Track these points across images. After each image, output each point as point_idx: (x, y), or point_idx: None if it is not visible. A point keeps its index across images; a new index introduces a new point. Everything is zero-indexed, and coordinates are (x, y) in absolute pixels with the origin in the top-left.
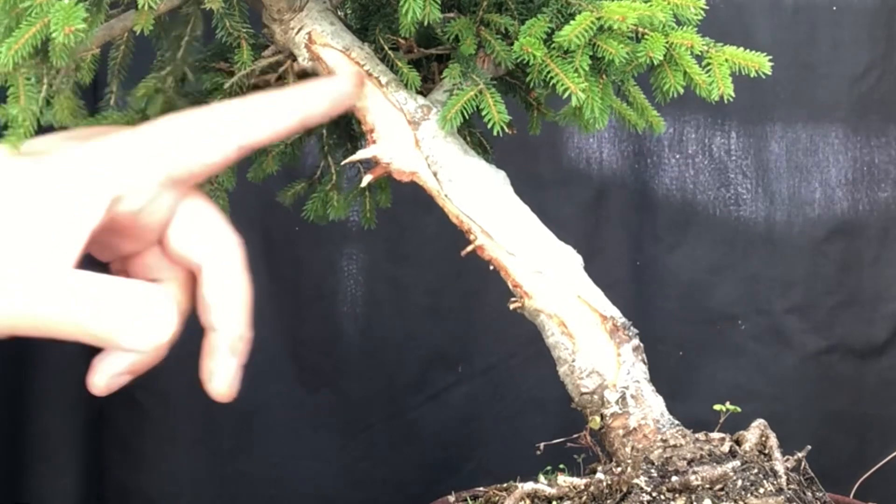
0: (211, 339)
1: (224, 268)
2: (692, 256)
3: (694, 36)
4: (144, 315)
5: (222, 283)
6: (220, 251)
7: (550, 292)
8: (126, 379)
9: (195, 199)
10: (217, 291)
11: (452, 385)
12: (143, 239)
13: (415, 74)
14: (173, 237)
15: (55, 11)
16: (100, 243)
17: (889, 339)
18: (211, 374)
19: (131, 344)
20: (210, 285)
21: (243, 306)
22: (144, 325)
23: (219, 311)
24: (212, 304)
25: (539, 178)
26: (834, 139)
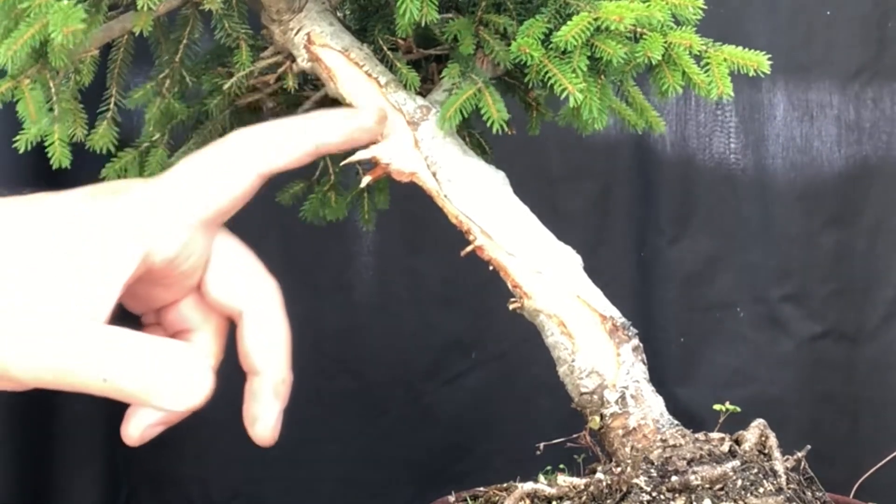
0: (254, 383)
1: (265, 312)
2: (693, 248)
3: (692, 36)
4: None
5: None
6: (259, 295)
7: (550, 292)
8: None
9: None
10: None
11: (467, 370)
12: (180, 286)
13: (414, 75)
14: (212, 284)
15: (54, 12)
16: (135, 295)
17: (880, 324)
18: (255, 419)
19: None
20: (252, 330)
21: (285, 349)
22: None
23: (262, 356)
24: (254, 350)
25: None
26: (828, 137)
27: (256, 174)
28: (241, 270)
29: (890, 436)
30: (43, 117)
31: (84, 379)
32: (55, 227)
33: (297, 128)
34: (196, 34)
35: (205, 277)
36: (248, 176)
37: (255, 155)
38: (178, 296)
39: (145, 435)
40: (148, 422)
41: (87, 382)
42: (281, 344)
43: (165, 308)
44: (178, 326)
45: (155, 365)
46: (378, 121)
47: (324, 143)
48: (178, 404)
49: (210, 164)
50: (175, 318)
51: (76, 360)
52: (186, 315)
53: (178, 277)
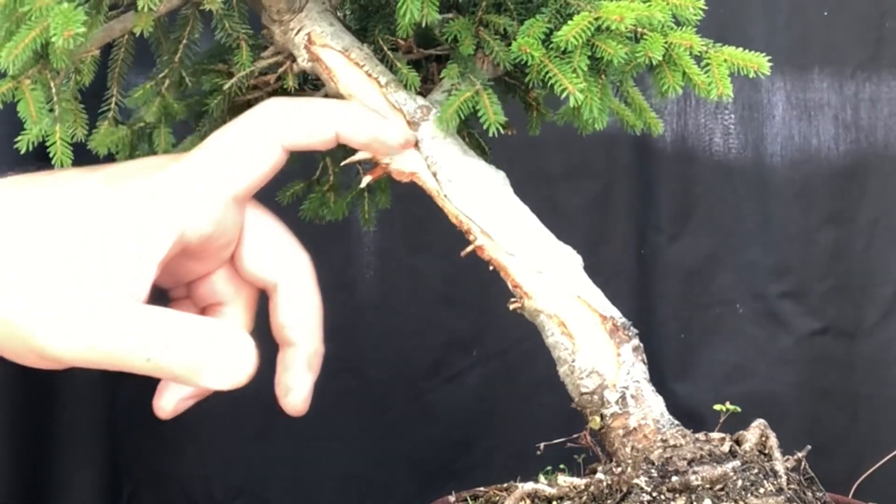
0: (287, 354)
1: (299, 284)
2: (693, 246)
3: (693, 36)
4: (225, 355)
5: (298, 299)
6: (293, 268)
7: (550, 292)
8: (192, 402)
9: (261, 216)
10: (294, 308)
11: (468, 368)
12: (214, 260)
13: (414, 75)
14: (246, 257)
15: (55, 15)
16: (167, 269)
17: (878, 321)
18: (288, 390)
19: (210, 384)
20: (286, 303)
21: (318, 321)
22: (225, 365)
23: (296, 328)
24: (289, 322)
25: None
26: (825, 136)
27: (282, 148)
28: (274, 243)
29: (889, 432)
30: (44, 117)
31: (127, 358)
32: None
33: (325, 110)
34: (196, 34)
35: (238, 250)
36: (275, 151)
37: (282, 128)
38: (210, 268)
39: (179, 407)
40: (182, 395)
41: (131, 361)
42: (314, 316)
43: (197, 281)
44: (210, 300)
45: (200, 343)
46: (402, 144)
47: (345, 136)
48: (224, 383)
49: (239, 140)
50: (207, 292)
51: (119, 339)
52: (218, 288)
53: (212, 251)
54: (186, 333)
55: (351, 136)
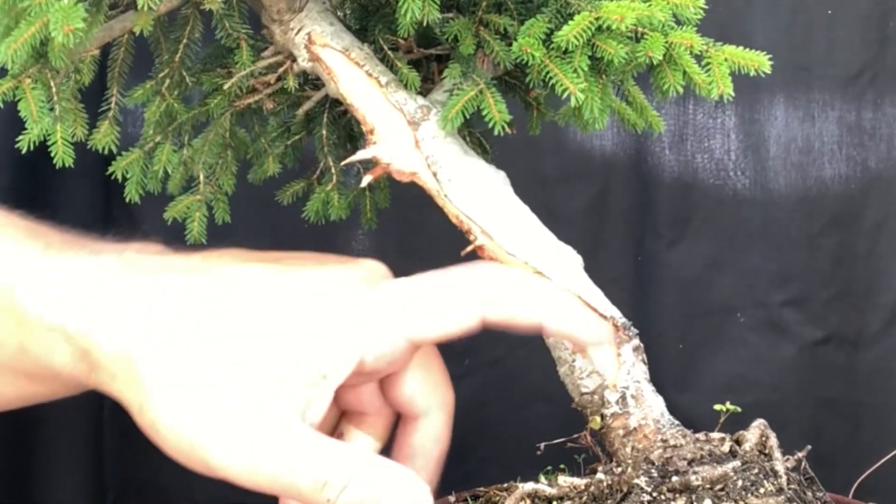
0: None
1: (438, 424)
2: (692, 251)
3: (693, 35)
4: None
5: (433, 437)
6: (439, 407)
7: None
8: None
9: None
10: (426, 444)
11: (460, 377)
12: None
13: (414, 75)
14: (402, 385)
15: (54, 11)
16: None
17: (882, 329)
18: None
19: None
20: (424, 436)
21: (441, 461)
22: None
23: (423, 463)
24: (417, 454)
25: (543, 175)
26: (829, 138)
27: (481, 319)
28: (430, 379)
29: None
30: (45, 117)
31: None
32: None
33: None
34: (196, 34)
35: (397, 377)
36: (472, 319)
37: (486, 301)
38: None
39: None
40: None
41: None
42: (442, 455)
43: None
44: (353, 408)
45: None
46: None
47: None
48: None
49: (441, 294)
50: (353, 400)
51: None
52: (365, 400)
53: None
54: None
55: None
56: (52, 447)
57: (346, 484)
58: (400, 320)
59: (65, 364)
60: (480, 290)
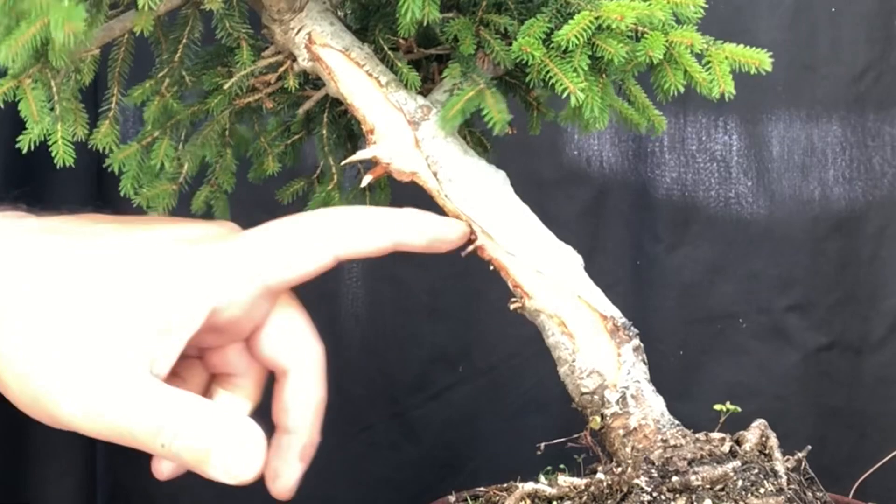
0: (283, 440)
1: (309, 376)
2: (692, 256)
3: (694, 34)
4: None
5: (305, 390)
6: (307, 358)
7: (551, 292)
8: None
9: (289, 305)
10: (299, 398)
11: (454, 385)
12: (233, 338)
13: (414, 75)
14: (265, 340)
15: (55, 11)
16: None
17: (886, 335)
18: (277, 476)
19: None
20: (293, 391)
21: (320, 415)
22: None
23: (297, 417)
24: (291, 409)
25: (540, 178)
26: (832, 139)
27: (334, 256)
28: (294, 331)
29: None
30: (45, 116)
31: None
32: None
33: (382, 220)
34: (196, 34)
35: (260, 333)
36: (326, 256)
37: (337, 237)
38: (226, 343)
39: (175, 473)
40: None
41: (145, 443)
42: (317, 409)
43: (211, 351)
44: (221, 369)
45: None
46: (461, 237)
47: (404, 243)
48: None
49: (291, 237)
50: (219, 362)
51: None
52: (231, 360)
53: (233, 332)
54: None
55: (409, 242)
56: (44, 452)
57: (179, 430)
58: (251, 266)
59: None
60: (330, 228)
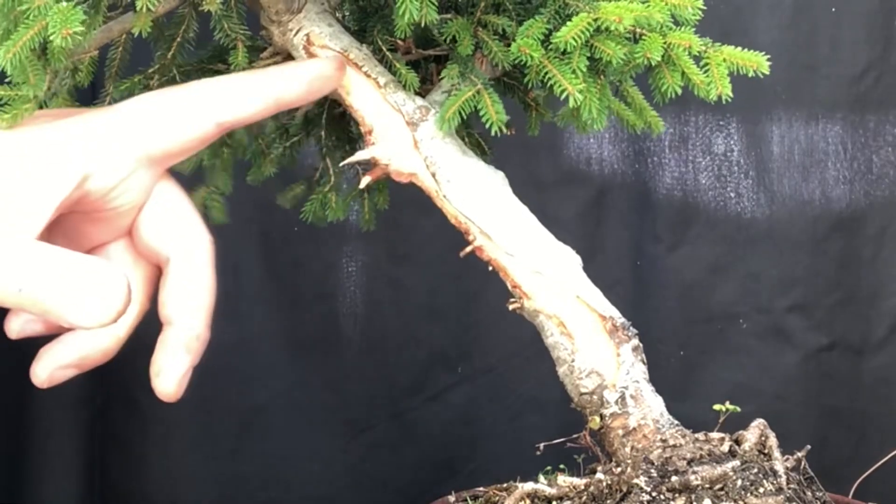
0: (166, 334)
1: (192, 263)
2: (693, 256)
3: (692, 36)
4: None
5: (187, 278)
6: (190, 246)
7: (549, 293)
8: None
9: (170, 190)
10: (180, 286)
11: (452, 386)
12: (114, 225)
13: (413, 76)
14: (144, 227)
15: (53, 14)
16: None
17: (887, 335)
18: (160, 370)
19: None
20: (174, 279)
21: (206, 305)
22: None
23: (179, 306)
24: (173, 299)
25: (539, 179)
26: (833, 139)
27: (214, 122)
28: (175, 217)
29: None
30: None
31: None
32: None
33: (257, 79)
34: (191, 33)
35: (138, 218)
36: (206, 122)
37: (216, 102)
38: (108, 237)
39: (55, 376)
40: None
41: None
42: (202, 297)
43: (94, 249)
44: None
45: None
46: (337, 67)
47: (284, 96)
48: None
49: (168, 104)
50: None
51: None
52: (115, 258)
53: (112, 214)
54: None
55: (290, 92)
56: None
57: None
58: (127, 131)
59: None
60: (208, 94)
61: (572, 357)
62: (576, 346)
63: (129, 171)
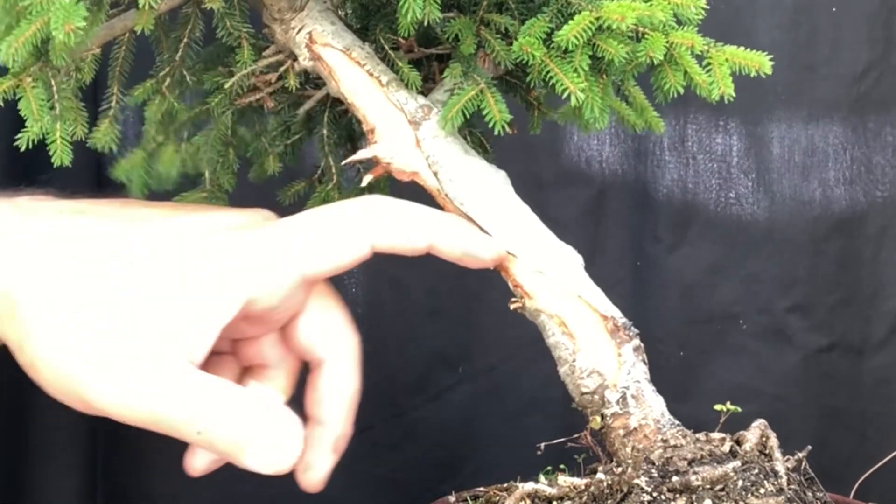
0: (315, 432)
1: (344, 367)
2: (693, 256)
3: (694, 35)
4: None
5: (340, 381)
6: (342, 349)
7: (551, 292)
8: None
9: (325, 295)
10: (333, 389)
11: (453, 385)
12: (268, 326)
13: (415, 74)
14: (300, 330)
15: (55, 10)
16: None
17: (887, 336)
18: (308, 467)
19: (253, 466)
20: (327, 381)
21: (353, 406)
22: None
23: (331, 408)
24: (326, 400)
25: (539, 179)
26: (833, 139)
27: (370, 246)
28: (330, 322)
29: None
30: (45, 115)
31: (178, 428)
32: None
33: (422, 217)
34: (197, 33)
35: (296, 322)
36: (362, 247)
37: (376, 227)
38: (261, 333)
39: (211, 467)
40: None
41: (181, 431)
42: (351, 400)
43: (245, 340)
44: (255, 361)
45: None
46: (494, 259)
47: (437, 247)
48: (267, 468)
49: (328, 227)
50: (253, 353)
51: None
52: (265, 351)
53: (268, 322)
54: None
55: (443, 248)
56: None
57: (216, 419)
58: (288, 256)
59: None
60: (369, 218)
61: (574, 357)
62: (577, 345)
63: (290, 292)
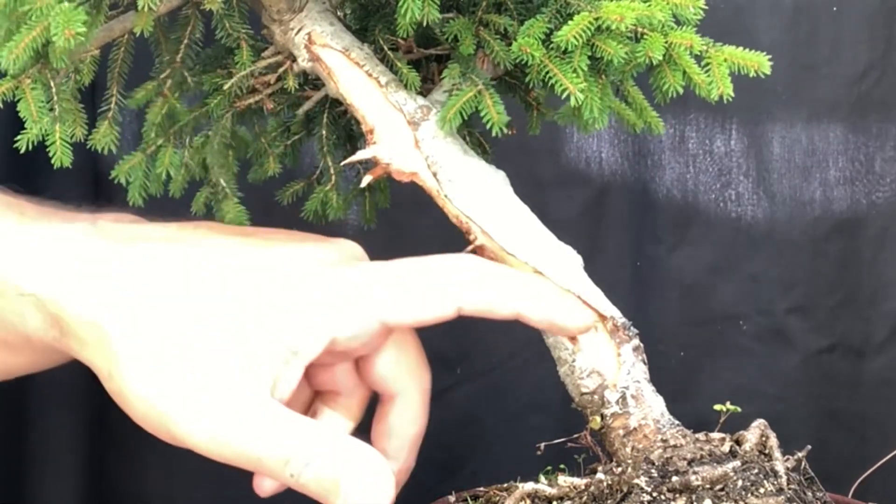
0: None
1: (415, 403)
2: (693, 257)
3: (693, 36)
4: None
5: (410, 417)
6: (416, 386)
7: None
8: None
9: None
10: (403, 424)
11: (452, 386)
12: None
13: (414, 75)
14: (378, 364)
15: (55, 15)
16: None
17: (888, 337)
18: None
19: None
20: (399, 416)
21: (419, 442)
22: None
23: (400, 443)
24: (394, 434)
25: (539, 179)
26: (834, 139)
27: (457, 308)
28: (408, 358)
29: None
30: (44, 117)
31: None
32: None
33: (512, 284)
34: (197, 34)
35: (374, 356)
36: (448, 308)
37: (465, 290)
38: (337, 363)
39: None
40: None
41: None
42: (418, 436)
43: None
44: (327, 388)
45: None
46: (580, 330)
47: (524, 316)
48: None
49: (413, 280)
50: (327, 380)
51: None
52: (339, 379)
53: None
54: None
55: (531, 316)
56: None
57: (309, 460)
58: (375, 302)
59: (36, 330)
60: (458, 278)
61: (573, 357)
62: (577, 346)
63: (370, 337)
